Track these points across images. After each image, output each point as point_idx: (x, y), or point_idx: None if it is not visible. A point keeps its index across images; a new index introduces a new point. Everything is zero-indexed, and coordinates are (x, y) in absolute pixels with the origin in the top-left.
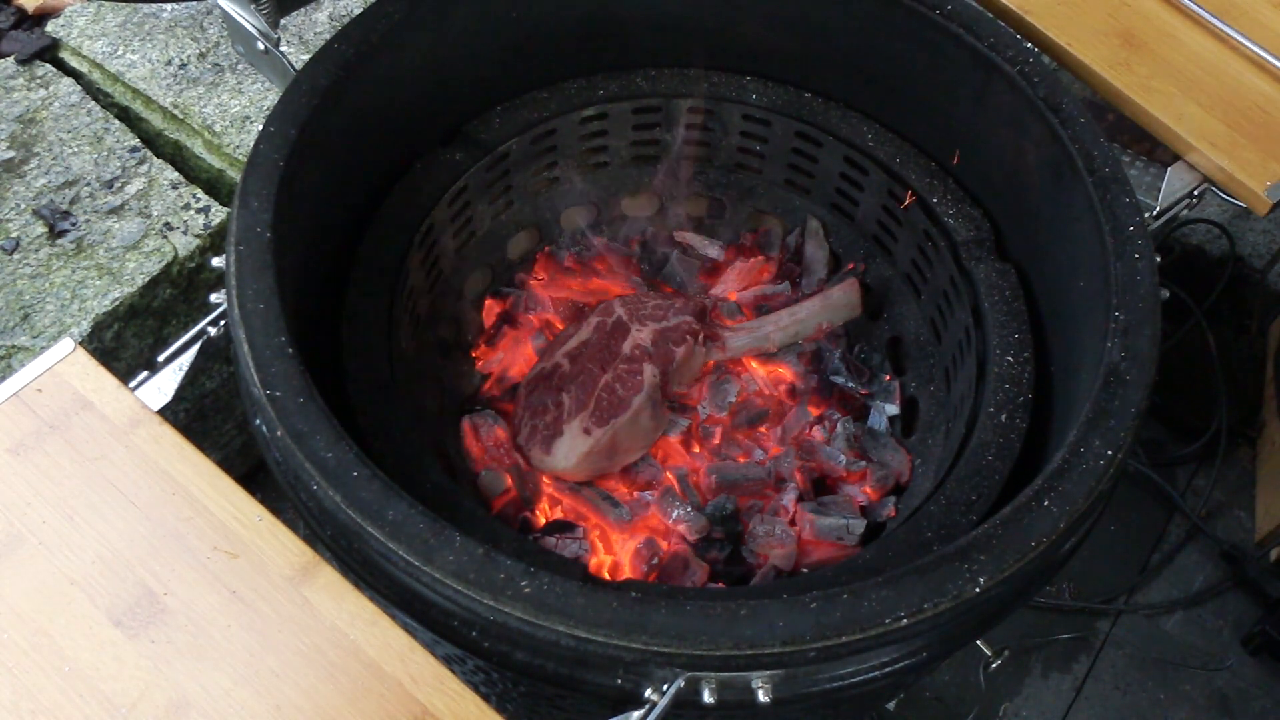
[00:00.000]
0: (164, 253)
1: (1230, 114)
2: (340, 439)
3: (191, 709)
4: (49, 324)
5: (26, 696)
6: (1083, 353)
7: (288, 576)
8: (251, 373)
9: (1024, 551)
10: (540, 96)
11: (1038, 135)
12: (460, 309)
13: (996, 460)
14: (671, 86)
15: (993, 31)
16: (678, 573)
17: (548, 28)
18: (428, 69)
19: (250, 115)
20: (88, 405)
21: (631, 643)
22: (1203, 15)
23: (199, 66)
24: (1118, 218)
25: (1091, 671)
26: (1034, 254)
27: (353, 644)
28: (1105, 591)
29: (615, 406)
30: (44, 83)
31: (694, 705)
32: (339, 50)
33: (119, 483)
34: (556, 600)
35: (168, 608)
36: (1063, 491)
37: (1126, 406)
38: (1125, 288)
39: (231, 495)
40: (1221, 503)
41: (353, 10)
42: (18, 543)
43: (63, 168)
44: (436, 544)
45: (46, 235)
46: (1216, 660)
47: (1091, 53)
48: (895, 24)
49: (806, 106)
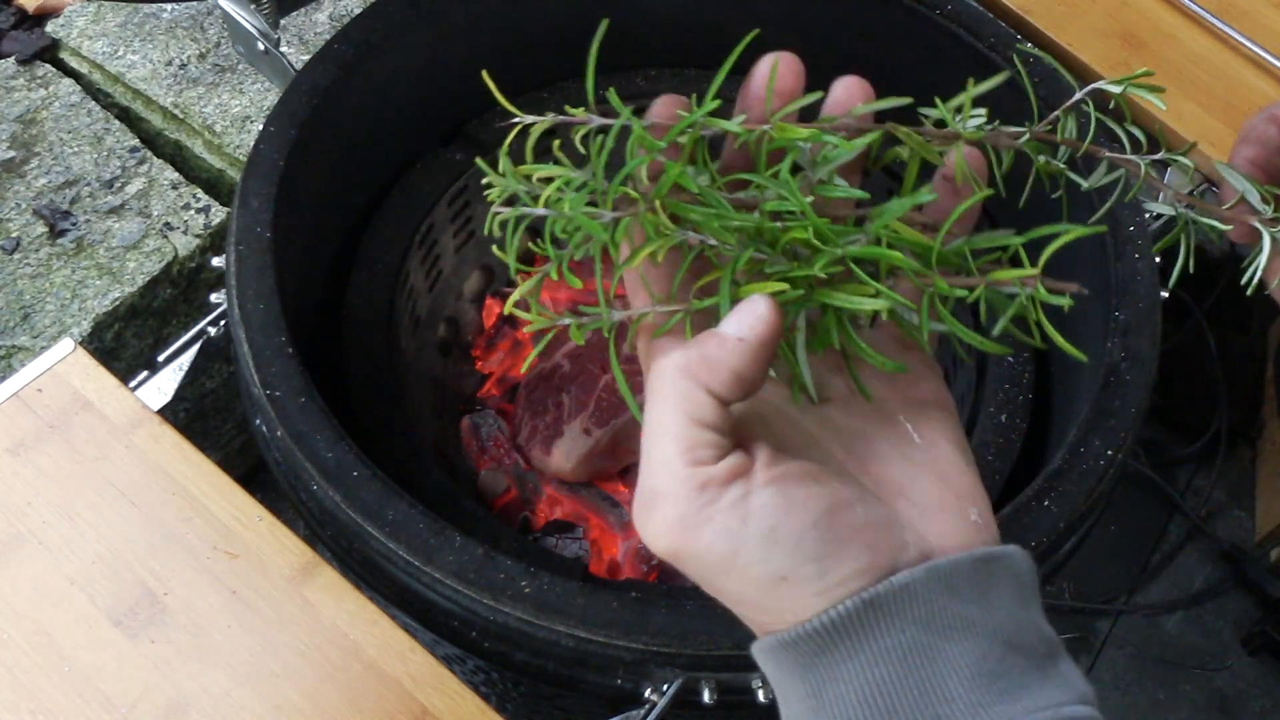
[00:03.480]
0: (164, 253)
1: (1230, 114)
2: (340, 439)
3: (191, 709)
4: (49, 324)
5: (26, 696)
6: (1083, 353)
7: (288, 576)
8: (251, 373)
9: None
10: (540, 96)
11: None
12: (460, 309)
13: (996, 460)
14: (671, 86)
15: (993, 31)
16: (678, 573)
17: (547, 28)
18: (428, 69)
19: (250, 115)
20: (88, 405)
21: (631, 643)
22: (1203, 15)
23: (199, 67)
24: (1118, 218)
25: (1091, 671)
26: (1034, 254)
27: (353, 644)
28: (1105, 591)
29: (615, 407)
30: (44, 83)
31: (694, 705)
32: (339, 50)
33: (119, 483)
34: (556, 600)
35: (168, 608)
36: (1063, 491)
37: (1127, 407)
38: (1125, 288)
39: (231, 495)
40: (1221, 503)
41: (353, 10)
42: (18, 543)
43: (63, 168)
44: (436, 544)
45: (46, 235)
46: (1216, 660)
47: (1091, 53)
48: (895, 24)
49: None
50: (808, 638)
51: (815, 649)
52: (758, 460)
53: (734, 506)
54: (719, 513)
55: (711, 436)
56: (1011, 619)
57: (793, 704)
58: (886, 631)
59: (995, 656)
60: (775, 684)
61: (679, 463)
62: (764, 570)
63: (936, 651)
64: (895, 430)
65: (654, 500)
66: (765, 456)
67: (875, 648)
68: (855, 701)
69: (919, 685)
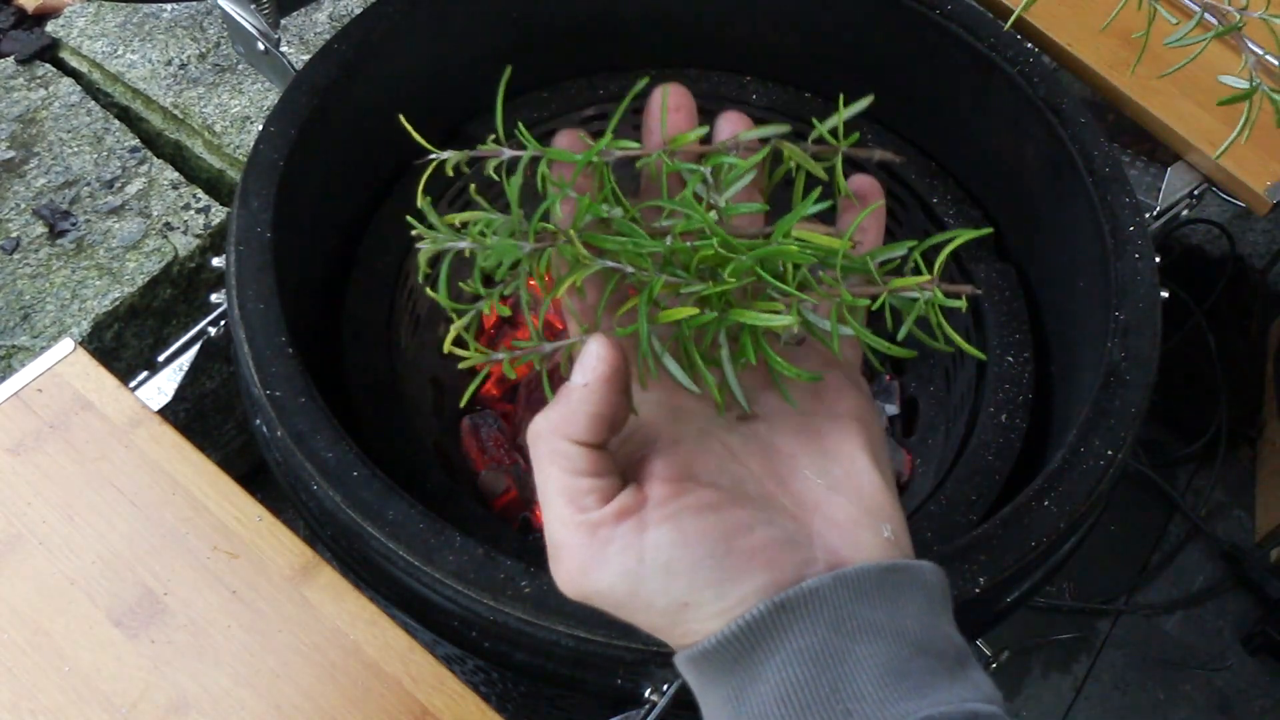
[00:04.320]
0: (164, 253)
1: (1230, 114)
2: (340, 439)
3: (191, 709)
4: (49, 324)
5: (26, 696)
6: (1083, 353)
7: (288, 576)
8: (251, 373)
9: (1024, 551)
10: (540, 96)
11: (1038, 135)
12: None
13: (996, 460)
14: None
15: (993, 31)
16: None
17: (548, 28)
18: (428, 69)
19: (250, 115)
20: (88, 405)
21: (631, 643)
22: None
23: (199, 66)
24: (1118, 218)
25: (1091, 672)
26: (1034, 254)
27: (353, 644)
28: (1105, 591)
29: None
30: (44, 83)
31: (694, 705)
32: (339, 50)
33: (119, 483)
34: (556, 600)
35: (168, 608)
36: (1063, 491)
37: (1127, 407)
38: (1125, 288)
39: (231, 495)
40: (1221, 503)
41: (353, 10)
42: (18, 543)
43: (63, 168)
44: (436, 544)
45: (46, 235)
46: (1216, 660)
47: (1091, 53)
48: (895, 24)
49: (806, 106)
50: (724, 644)
51: (733, 656)
52: (650, 496)
53: (628, 547)
54: (614, 555)
55: (591, 483)
56: (919, 625)
57: (713, 708)
58: (799, 633)
59: (903, 658)
60: (697, 691)
61: (568, 513)
62: (665, 601)
63: (846, 653)
64: (817, 446)
65: (556, 553)
66: (660, 491)
67: (788, 649)
68: (772, 700)
69: (830, 684)
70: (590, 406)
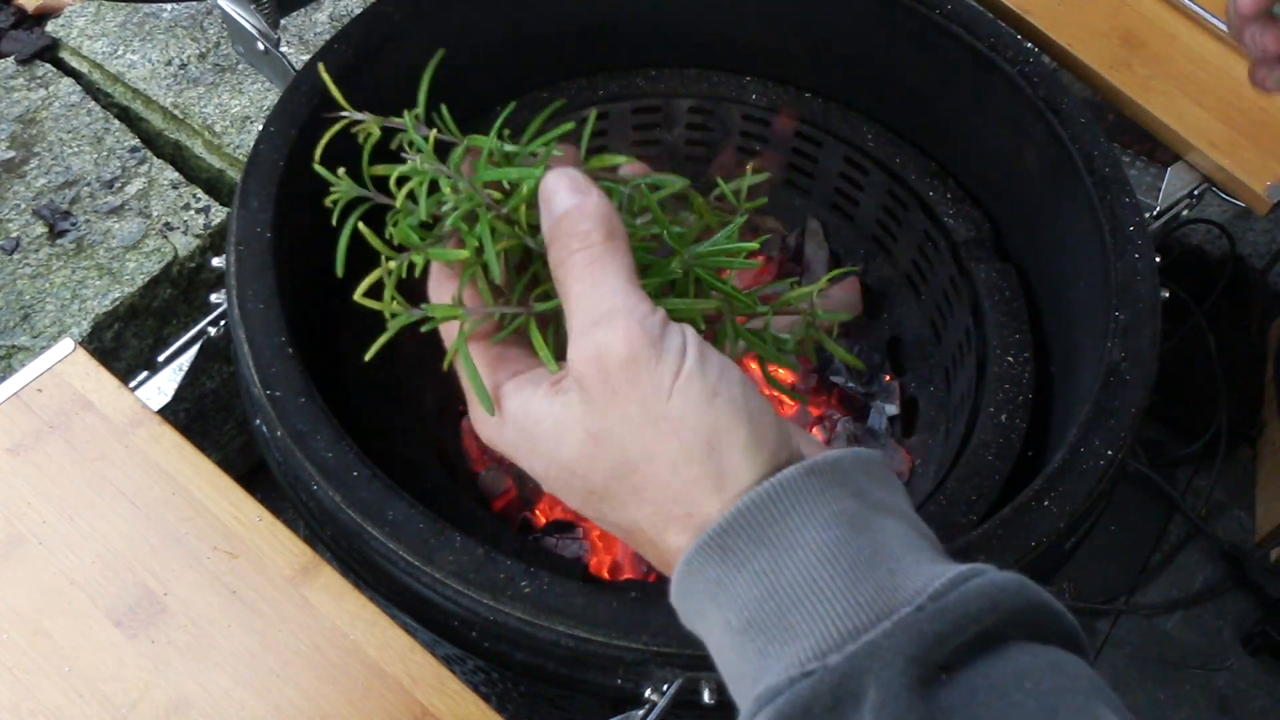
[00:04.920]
0: (164, 253)
1: (1230, 114)
2: (340, 439)
3: (191, 709)
4: (49, 324)
5: (26, 696)
6: (1083, 353)
7: (288, 576)
8: (251, 373)
9: (1024, 551)
10: (540, 96)
11: (1038, 135)
12: None
13: (996, 460)
14: (671, 86)
15: (993, 31)
16: None
17: (548, 28)
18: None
19: (250, 115)
20: (88, 405)
21: (631, 643)
22: (1203, 15)
23: (199, 66)
24: (1118, 218)
25: None
26: (1034, 254)
27: (353, 644)
28: (1105, 591)
29: None
30: (44, 83)
31: (694, 705)
32: (339, 50)
33: (119, 483)
34: (556, 600)
35: (168, 608)
36: (1063, 491)
37: (1127, 406)
38: (1125, 288)
39: (231, 495)
40: (1221, 503)
41: (353, 10)
42: (18, 543)
43: (63, 168)
44: (436, 544)
45: (46, 235)
46: (1216, 660)
47: (1091, 53)
48: (895, 24)
49: (806, 106)
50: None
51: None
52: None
53: (707, 371)
54: (690, 372)
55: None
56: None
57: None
58: (833, 498)
59: (915, 535)
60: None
61: (632, 300)
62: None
63: (873, 522)
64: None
65: (625, 332)
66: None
67: (826, 512)
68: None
69: (871, 546)
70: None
